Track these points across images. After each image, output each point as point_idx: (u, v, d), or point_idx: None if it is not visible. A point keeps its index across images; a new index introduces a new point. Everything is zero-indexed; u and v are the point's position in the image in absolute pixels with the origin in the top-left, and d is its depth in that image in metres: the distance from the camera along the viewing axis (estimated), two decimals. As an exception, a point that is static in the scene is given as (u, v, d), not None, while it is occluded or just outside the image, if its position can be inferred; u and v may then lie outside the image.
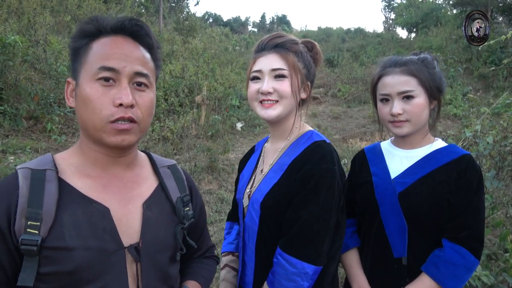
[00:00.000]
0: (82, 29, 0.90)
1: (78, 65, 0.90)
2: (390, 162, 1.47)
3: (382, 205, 1.40)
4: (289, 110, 1.29)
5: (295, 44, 1.30)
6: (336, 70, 15.31)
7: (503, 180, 3.17)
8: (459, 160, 1.35)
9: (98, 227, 0.85)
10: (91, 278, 0.82)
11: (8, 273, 0.81)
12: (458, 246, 1.28)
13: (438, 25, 17.96)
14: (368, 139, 8.52)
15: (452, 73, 12.01)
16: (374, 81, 1.48)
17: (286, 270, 1.15)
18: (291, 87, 1.25)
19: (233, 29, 31.65)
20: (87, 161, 0.93)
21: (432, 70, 1.40)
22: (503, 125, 3.33)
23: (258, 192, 1.29)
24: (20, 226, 0.80)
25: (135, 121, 0.88)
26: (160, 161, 1.08)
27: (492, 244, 3.14)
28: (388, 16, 31.13)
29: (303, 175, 1.19)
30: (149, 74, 0.92)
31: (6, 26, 7.98)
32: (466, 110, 7.96)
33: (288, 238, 1.18)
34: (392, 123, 1.41)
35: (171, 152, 6.98)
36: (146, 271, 0.90)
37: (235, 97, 10.47)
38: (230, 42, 19.69)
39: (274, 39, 1.29)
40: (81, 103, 0.87)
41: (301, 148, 1.26)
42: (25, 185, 0.82)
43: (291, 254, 1.15)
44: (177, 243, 0.97)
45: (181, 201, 1.01)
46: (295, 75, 1.26)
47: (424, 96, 1.37)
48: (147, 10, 17.99)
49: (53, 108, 6.83)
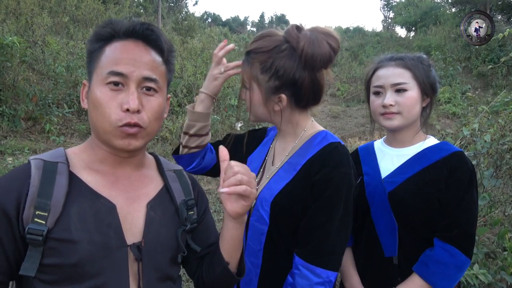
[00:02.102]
0: (97, 32, 0.92)
1: (92, 68, 0.92)
2: (381, 161, 1.47)
3: (372, 205, 1.40)
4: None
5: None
6: (335, 69, 15.31)
7: (501, 178, 3.17)
8: (449, 157, 1.33)
9: (103, 222, 0.86)
10: (93, 273, 0.82)
11: (11, 261, 0.82)
12: (449, 245, 1.26)
13: (437, 23, 17.97)
14: (366, 138, 8.52)
15: (451, 72, 12.01)
16: (369, 75, 1.47)
17: (310, 280, 1.11)
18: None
19: (232, 29, 31.65)
20: (97, 158, 0.94)
21: (428, 67, 1.40)
22: (501, 123, 3.33)
23: (267, 190, 1.24)
24: (28, 215, 0.80)
25: (141, 126, 0.89)
26: (166, 165, 1.09)
27: (490, 242, 3.14)
28: (387, 15, 31.15)
29: (322, 179, 1.15)
30: (158, 79, 0.92)
31: (4, 27, 7.98)
32: (465, 109, 7.97)
33: (312, 248, 1.14)
34: (383, 115, 1.39)
35: (170, 152, 6.97)
36: (147, 270, 0.90)
37: (234, 97, 10.47)
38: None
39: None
40: (92, 106, 0.89)
41: (315, 149, 1.21)
42: (37, 175, 0.83)
43: (316, 264, 1.12)
44: (178, 245, 0.97)
45: (185, 204, 1.01)
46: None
47: (417, 90, 1.36)
48: (146, 10, 17.99)
49: (52, 109, 6.82)
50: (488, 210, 2.94)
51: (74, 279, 0.82)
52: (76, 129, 7.09)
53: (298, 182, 1.19)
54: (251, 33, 31.95)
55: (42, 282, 0.81)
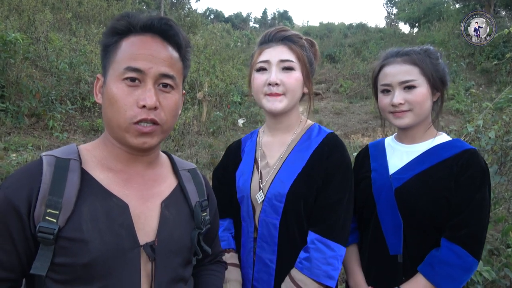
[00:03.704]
0: (113, 26, 0.90)
1: (107, 62, 0.90)
2: (391, 157, 1.44)
3: (378, 201, 1.38)
4: (294, 103, 1.32)
5: (300, 39, 1.33)
6: (338, 66, 15.25)
7: (505, 175, 3.16)
8: (461, 155, 1.29)
9: (115, 222, 0.85)
10: (104, 273, 0.81)
11: (23, 260, 0.81)
12: (456, 245, 1.22)
13: (441, 19, 17.82)
14: (369, 135, 8.50)
15: (454, 68, 11.95)
16: (375, 72, 1.45)
17: (325, 254, 1.20)
18: (298, 80, 1.29)
19: (234, 25, 31.55)
20: (110, 155, 0.93)
21: (435, 60, 1.36)
22: (506, 120, 3.31)
23: (278, 184, 1.28)
24: (39, 213, 0.79)
25: (158, 123, 0.88)
26: (180, 164, 1.08)
27: (494, 239, 3.13)
28: (390, 11, 30.95)
29: (334, 164, 1.28)
30: (175, 76, 0.91)
31: (7, 23, 7.98)
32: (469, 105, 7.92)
33: (328, 224, 1.23)
34: (393, 114, 1.37)
35: (173, 148, 6.98)
36: (160, 270, 0.89)
37: (236, 94, 10.46)
38: (232, 38, 19.65)
39: (282, 31, 1.32)
40: (107, 102, 0.88)
41: (317, 140, 1.33)
42: (48, 172, 0.82)
43: (330, 238, 1.21)
44: (192, 247, 0.96)
45: (200, 206, 1.01)
46: (302, 68, 1.29)
47: (426, 86, 1.33)
48: (148, 7, 17.96)
49: (55, 105, 6.85)
50: (492, 207, 2.93)
51: (85, 279, 0.81)
52: (79, 125, 7.11)
53: (310, 170, 1.28)
54: (254, 29, 31.87)
55: (53, 281, 0.80)
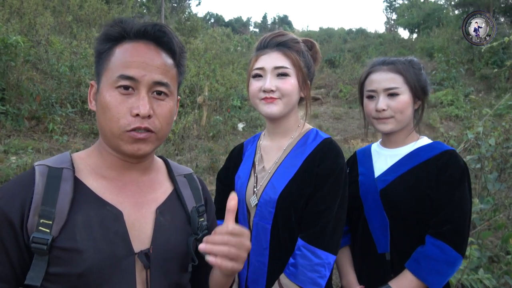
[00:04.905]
0: (106, 32, 0.89)
1: (101, 69, 0.89)
2: (376, 161, 1.53)
3: (365, 203, 1.46)
4: (290, 108, 1.33)
5: (296, 43, 1.33)
6: (337, 71, 15.29)
7: (505, 182, 3.17)
8: (440, 155, 1.38)
9: (110, 231, 0.84)
10: (100, 282, 0.81)
11: (17, 270, 0.80)
12: (440, 241, 1.29)
13: (440, 25, 17.91)
14: (369, 140, 8.51)
15: (454, 74, 11.97)
16: (362, 79, 1.55)
17: (311, 261, 1.19)
18: (293, 86, 1.29)
19: (234, 29, 31.66)
20: (104, 163, 0.92)
21: (418, 71, 1.47)
22: (505, 126, 3.32)
23: (270, 189, 1.30)
24: (33, 224, 0.79)
25: (152, 131, 0.87)
26: (176, 169, 1.06)
27: (494, 246, 3.13)
28: (390, 16, 31.12)
29: (325, 170, 1.26)
30: (169, 83, 0.90)
31: (8, 26, 8.00)
32: (468, 112, 7.93)
33: (314, 231, 1.22)
34: (376, 119, 1.46)
35: (173, 152, 6.98)
36: (155, 278, 0.88)
37: (236, 98, 10.47)
38: (232, 43, 19.68)
39: (277, 37, 1.32)
40: (101, 110, 0.87)
41: (312, 145, 1.32)
42: (41, 182, 0.82)
43: (317, 246, 1.20)
44: (189, 253, 0.95)
45: (197, 211, 0.99)
46: (297, 73, 1.30)
47: (408, 94, 1.43)
48: (149, 11, 18.03)
49: (55, 108, 6.84)
50: (492, 214, 2.93)
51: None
52: (79, 128, 7.11)
53: (301, 177, 1.28)
54: (254, 33, 31.99)
55: None
